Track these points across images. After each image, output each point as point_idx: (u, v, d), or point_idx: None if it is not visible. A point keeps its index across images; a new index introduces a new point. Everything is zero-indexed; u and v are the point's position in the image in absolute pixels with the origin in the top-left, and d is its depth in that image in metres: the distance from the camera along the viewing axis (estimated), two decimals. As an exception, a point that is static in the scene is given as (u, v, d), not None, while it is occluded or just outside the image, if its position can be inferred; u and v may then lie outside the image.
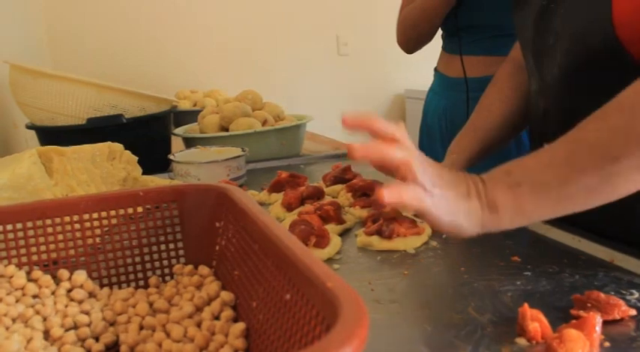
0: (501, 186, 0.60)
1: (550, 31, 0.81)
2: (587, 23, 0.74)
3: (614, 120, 0.58)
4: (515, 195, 0.59)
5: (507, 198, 0.59)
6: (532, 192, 0.59)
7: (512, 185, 0.59)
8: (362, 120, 0.62)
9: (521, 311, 0.56)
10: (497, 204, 0.60)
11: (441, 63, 1.56)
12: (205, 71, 3.08)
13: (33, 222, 0.63)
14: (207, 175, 1.18)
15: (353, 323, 0.31)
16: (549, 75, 0.83)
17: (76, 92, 1.32)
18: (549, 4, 0.80)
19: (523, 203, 0.59)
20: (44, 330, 0.56)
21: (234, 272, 0.58)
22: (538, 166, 0.60)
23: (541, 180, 0.59)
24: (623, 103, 0.59)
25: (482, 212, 0.60)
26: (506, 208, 0.60)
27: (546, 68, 0.84)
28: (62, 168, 0.97)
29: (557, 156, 0.60)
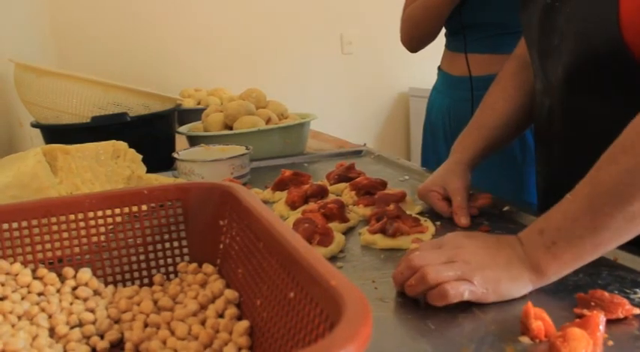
0: (539, 247, 0.64)
1: (555, 31, 0.81)
2: (591, 23, 0.74)
3: (622, 163, 0.61)
4: (554, 254, 0.63)
5: (548, 259, 0.63)
6: (568, 246, 0.62)
7: (548, 245, 0.63)
8: None
9: (525, 309, 0.56)
10: (540, 266, 0.63)
11: (445, 61, 1.55)
12: (209, 70, 3.08)
13: (38, 220, 0.64)
14: (211, 173, 1.18)
15: (357, 321, 0.31)
16: (554, 74, 0.83)
17: (80, 90, 1.32)
18: (554, 3, 0.80)
19: (563, 258, 0.63)
20: (49, 328, 0.57)
21: (239, 271, 0.59)
22: (566, 221, 0.63)
23: (573, 234, 0.62)
24: (625, 144, 0.62)
25: (529, 276, 0.63)
26: (549, 267, 0.63)
27: (551, 67, 0.84)
28: (67, 166, 0.97)
29: (581, 207, 0.63)
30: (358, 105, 3.48)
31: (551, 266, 0.63)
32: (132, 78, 2.58)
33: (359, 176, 1.09)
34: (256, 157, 1.35)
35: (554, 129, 0.88)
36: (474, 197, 0.94)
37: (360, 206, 0.97)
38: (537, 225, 0.66)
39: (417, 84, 3.38)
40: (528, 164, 1.34)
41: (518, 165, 1.36)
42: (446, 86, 1.53)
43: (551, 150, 0.90)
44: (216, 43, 3.12)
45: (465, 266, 0.63)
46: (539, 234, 0.64)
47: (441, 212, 0.92)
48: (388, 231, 0.82)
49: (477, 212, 0.91)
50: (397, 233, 0.82)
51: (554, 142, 0.89)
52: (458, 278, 0.62)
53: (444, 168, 0.96)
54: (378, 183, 1.02)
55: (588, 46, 0.75)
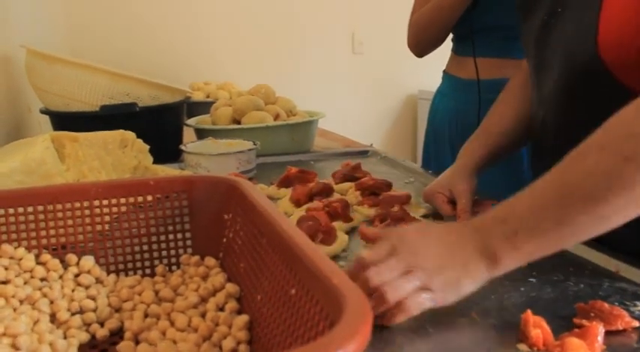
0: (498, 236, 0.61)
1: (547, 46, 0.83)
2: (575, 42, 0.76)
3: (597, 162, 0.59)
4: (514, 244, 0.60)
5: (507, 248, 0.61)
6: (530, 236, 0.60)
7: (509, 235, 0.61)
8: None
9: (524, 317, 0.56)
10: (497, 255, 0.61)
11: (452, 65, 1.55)
12: (219, 64, 3.08)
13: (44, 206, 0.64)
14: (218, 167, 1.18)
15: (357, 320, 0.31)
16: (546, 87, 0.84)
17: (90, 79, 1.32)
18: (550, 20, 0.82)
19: (523, 249, 0.61)
20: (51, 313, 0.57)
21: (241, 265, 0.59)
22: (531, 212, 0.61)
23: (536, 225, 0.61)
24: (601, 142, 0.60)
25: (486, 268, 0.61)
26: (507, 257, 0.61)
27: (544, 81, 0.85)
28: (74, 153, 0.97)
29: (548, 200, 0.61)
30: (366, 105, 3.48)
31: (510, 255, 0.61)
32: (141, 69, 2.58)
33: (364, 176, 1.09)
34: (263, 153, 1.35)
35: (546, 141, 0.88)
36: (478, 203, 0.94)
37: (365, 206, 0.97)
38: (499, 213, 0.63)
39: (426, 87, 3.38)
40: (534, 172, 1.34)
41: (524, 174, 1.36)
42: (452, 89, 1.53)
43: (545, 161, 0.91)
44: (227, 38, 3.13)
45: (423, 274, 0.60)
46: (501, 222, 0.62)
47: (445, 214, 0.92)
48: (391, 232, 0.82)
49: (480, 217, 0.91)
50: (400, 235, 0.82)
51: (546, 154, 0.89)
52: (417, 289, 0.60)
53: (451, 171, 0.96)
54: (383, 184, 1.02)
55: (573, 63, 0.77)
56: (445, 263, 0.61)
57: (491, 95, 1.04)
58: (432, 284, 0.60)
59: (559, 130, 0.84)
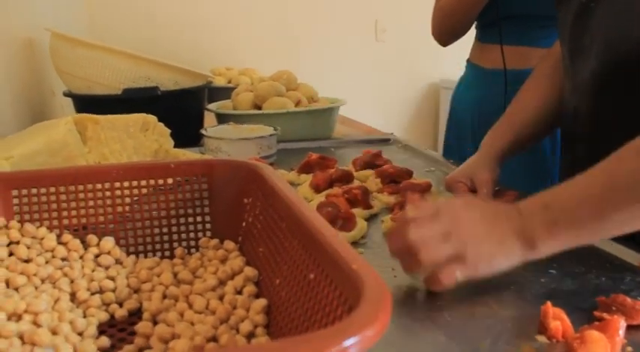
0: (539, 222, 0.62)
1: (586, 31, 0.80)
2: (618, 29, 0.74)
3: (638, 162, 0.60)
4: (552, 233, 0.62)
5: (545, 236, 0.62)
6: (568, 227, 0.62)
7: (549, 222, 0.62)
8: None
9: (544, 308, 0.55)
10: (535, 241, 0.62)
11: (476, 54, 1.53)
12: (241, 49, 3.08)
13: (66, 187, 0.64)
14: (238, 152, 1.18)
15: (376, 306, 0.31)
16: (581, 74, 0.82)
17: (113, 62, 1.33)
18: (589, 3, 0.79)
19: (560, 238, 0.62)
20: (71, 292, 0.58)
21: (259, 249, 0.59)
22: (574, 202, 0.63)
23: (577, 216, 0.62)
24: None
25: (521, 250, 0.63)
26: (544, 244, 0.62)
27: (579, 67, 0.83)
28: (96, 136, 0.98)
29: (593, 192, 0.62)
30: (388, 93, 3.46)
31: (546, 243, 0.62)
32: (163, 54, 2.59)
33: (385, 164, 1.09)
34: (283, 139, 1.35)
35: (578, 130, 0.87)
36: (499, 193, 0.93)
37: (385, 194, 0.97)
38: (543, 199, 0.64)
39: (448, 76, 3.35)
40: (558, 163, 1.32)
41: (547, 165, 1.34)
42: (475, 79, 1.51)
43: (575, 151, 0.89)
44: (249, 24, 3.12)
45: (458, 242, 0.62)
46: (543, 208, 0.63)
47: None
48: (411, 220, 0.81)
49: (501, 208, 0.90)
50: (420, 223, 0.81)
51: (578, 143, 0.88)
52: (450, 257, 0.61)
53: (473, 160, 0.95)
54: (403, 172, 1.02)
55: (615, 51, 0.75)
56: (482, 236, 0.63)
57: (517, 86, 1.03)
58: (465, 253, 0.61)
59: (594, 119, 0.83)
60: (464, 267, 0.62)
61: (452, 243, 0.62)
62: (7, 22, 1.39)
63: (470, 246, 0.62)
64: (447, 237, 0.62)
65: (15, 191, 0.63)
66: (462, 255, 0.61)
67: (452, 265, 0.61)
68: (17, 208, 0.63)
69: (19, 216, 0.63)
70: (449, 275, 0.61)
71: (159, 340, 0.50)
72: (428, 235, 0.62)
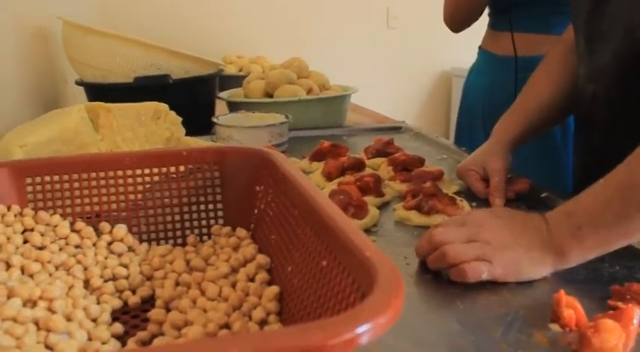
0: (564, 230, 0.63)
1: (604, 17, 0.79)
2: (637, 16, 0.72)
3: None
4: (579, 239, 0.62)
5: (572, 243, 0.63)
6: (594, 232, 0.62)
7: (574, 229, 0.62)
8: None
9: (557, 297, 0.55)
10: (564, 250, 0.63)
11: (488, 41, 1.51)
12: (252, 38, 3.07)
13: (78, 175, 0.65)
14: (250, 140, 1.18)
15: (389, 292, 0.31)
16: (600, 60, 0.81)
17: (124, 50, 1.33)
18: None
19: (587, 243, 0.62)
20: (84, 279, 0.58)
21: (272, 237, 0.59)
22: (596, 206, 0.63)
23: (601, 221, 0.62)
24: None
25: (551, 259, 0.63)
26: (572, 251, 0.63)
27: (598, 53, 0.82)
28: (108, 124, 0.98)
29: (613, 194, 0.62)
30: (400, 81, 3.44)
31: (574, 250, 0.62)
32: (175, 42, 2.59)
33: (397, 152, 1.08)
34: (295, 127, 1.35)
35: (595, 117, 0.86)
36: (512, 181, 0.92)
37: (397, 181, 0.96)
38: (566, 208, 0.65)
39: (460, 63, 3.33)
40: (568, 151, 1.31)
41: (558, 152, 1.33)
42: (487, 65, 1.49)
43: (591, 138, 0.88)
44: (261, 12, 3.11)
45: (485, 246, 0.63)
46: (567, 216, 0.64)
47: (477, 192, 0.91)
48: (423, 208, 0.81)
49: (513, 195, 0.90)
50: (432, 211, 0.81)
51: (595, 131, 0.87)
52: (477, 258, 0.62)
53: (485, 148, 0.95)
54: (415, 159, 1.01)
55: (635, 37, 0.73)
56: (508, 243, 0.63)
57: (528, 73, 1.02)
58: (492, 258, 0.62)
59: (613, 105, 0.82)
60: (490, 267, 0.62)
61: (478, 247, 0.63)
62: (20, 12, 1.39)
63: (495, 251, 0.63)
64: (472, 242, 0.64)
65: (29, 179, 0.63)
66: (486, 256, 0.62)
67: (479, 262, 0.62)
68: (31, 196, 0.64)
69: (32, 203, 0.64)
70: (475, 270, 0.62)
71: (172, 327, 0.50)
72: (454, 238, 0.64)
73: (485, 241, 0.64)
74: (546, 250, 0.63)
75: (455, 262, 0.63)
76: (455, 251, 0.63)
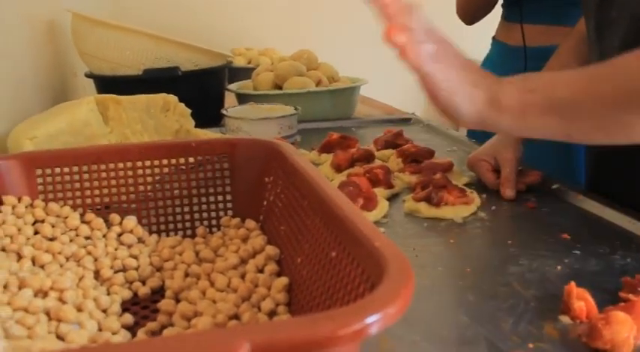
0: (513, 88, 0.60)
1: (614, 4, 0.79)
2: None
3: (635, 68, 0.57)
4: (524, 100, 0.59)
5: (514, 100, 0.59)
6: (542, 100, 0.59)
7: (525, 90, 0.59)
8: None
9: (567, 288, 0.55)
10: (501, 101, 0.60)
11: (501, 32, 1.51)
12: (261, 29, 3.06)
13: (88, 166, 0.65)
14: (259, 132, 1.18)
15: (399, 283, 0.31)
16: (610, 47, 0.81)
17: (133, 43, 1.33)
18: None
19: (528, 109, 0.59)
20: (95, 270, 0.58)
21: (281, 228, 0.59)
22: (557, 82, 0.60)
23: (555, 95, 0.59)
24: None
25: (484, 103, 0.60)
26: (509, 108, 0.60)
27: (607, 40, 0.81)
28: (118, 116, 0.99)
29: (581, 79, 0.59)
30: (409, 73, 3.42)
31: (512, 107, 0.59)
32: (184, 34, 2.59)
33: (407, 143, 1.08)
34: (304, 119, 1.35)
35: None
36: (523, 173, 0.92)
37: (406, 173, 0.96)
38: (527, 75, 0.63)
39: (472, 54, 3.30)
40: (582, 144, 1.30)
41: (570, 144, 1.31)
42: (500, 56, 1.49)
43: None
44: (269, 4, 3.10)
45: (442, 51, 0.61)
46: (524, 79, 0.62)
47: (487, 183, 0.90)
48: (433, 200, 0.81)
49: (524, 187, 0.89)
50: (442, 202, 0.81)
51: None
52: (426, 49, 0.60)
53: (496, 139, 0.94)
54: (425, 151, 1.01)
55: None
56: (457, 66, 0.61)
57: (538, 64, 1.01)
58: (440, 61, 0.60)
59: None
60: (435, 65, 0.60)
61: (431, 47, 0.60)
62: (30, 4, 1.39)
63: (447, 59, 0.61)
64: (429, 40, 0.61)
65: (39, 170, 0.64)
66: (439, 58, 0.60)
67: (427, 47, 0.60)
68: (42, 187, 0.64)
69: (43, 195, 0.64)
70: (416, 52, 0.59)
71: (181, 317, 0.50)
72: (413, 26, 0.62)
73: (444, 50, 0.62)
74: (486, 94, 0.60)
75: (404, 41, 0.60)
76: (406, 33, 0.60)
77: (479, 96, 0.60)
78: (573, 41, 0.97)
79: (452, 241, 0.73)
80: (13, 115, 1.11)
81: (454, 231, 0.76)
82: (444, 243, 0.73)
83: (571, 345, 0.50)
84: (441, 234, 0.76)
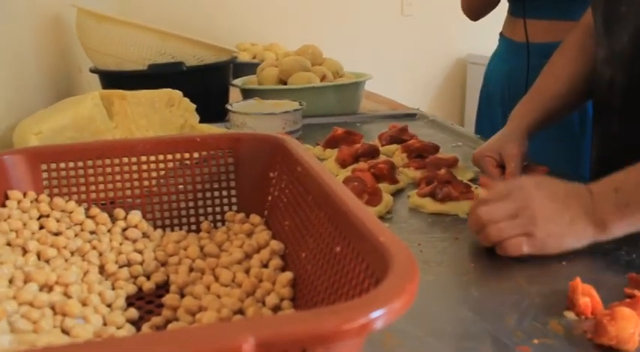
0: (610, 205, 0.64)
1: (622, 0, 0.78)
2: None
3: None
4: (624, 214, 0.64)
5: (616, 218, 0.64)
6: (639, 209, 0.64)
7: (620, 205, 0.64)
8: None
9: (572, 284, 0.55)
10: (606, 223, 0.64)
11: (507, 27, 1.50)
12: (266, 25, 3.06)
13: (93, 161, 0.65)
14: (264, 127, 1.18)
15: (403, 277, 0.31)
16: (618, 43, 0.80)
17: (137, 38, 1.33)
18: None
19: (631, 220, 0.64)
20: (100, 265, 0.58)
21: (285, 223, 0.59)
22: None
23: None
24: None
25: (593, 231, 0.65)
26: (615, 226, 0.64)
27: (616, 36, 0.81)
28: (122, 111, 0.99)
29: None
30: (414, 68, 3.42)
31: (618, 225, 0.64)
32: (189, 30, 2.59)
33: (411, 138, 1.08)
34: (309, 114, 1.34)
35: (613, 101, 0.85)
36: (528, 168, 0.91)
37: (411, 168, 0.96)
38: (613, 183, 0.66)
39: (476, 50, 3.30)
40: (586, 137, 1.29)
41: (575, 138, 1.32)
42: (506, 52, 1.49)
43: (609, 123, 0.87)
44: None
45: (528, 221, 0.64)
46: (615, 192, 0.65)
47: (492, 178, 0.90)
48: (438, 195, 0.81)
49: (529, 183, 0.89)
50: (446, 198, 0.81)
51: (613, 115, 0.86)
52: (520, 234, 0.64)
53: (501, 134, 0.94)
54: (430, 146, 1.01)
55: None
56: (552, 216, 0.65)
57: (541, 60, 1.00)
58: (535, 232, 0.64)
59: (630, 90, 0.81)
60: (532, 242, 0.64)
61: (521, 221, 0.65)
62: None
63: (539, 225, 0.64)
64: (516, 215, 0.65)
65: (44, 165, 0.64)
66: (530, 232, 0.64)
67: (521, 238, 0.64)
68: (47, 182, 0.64)
69: (48, 190, 0.64)
70: (516, 246, 0.64)
71: (186, 312, 0.50)
72: (496, 214, 0.66)
73: (529, 217, 0.65)
74: (589, 221, 0.64)
75: (498, 240, 0.65)
76: (497, 230, 0.65)
77: (583, 230, 0.65)
78: (579, 35, 0.97)
79: (456, 237, 0.73)
80: (18, 110, 1.11)
81: (459, 227, 0.76)
82: (448, 239, 0.72)
83: (576, 341, 0.50)
84: (446, 230, 0.75)
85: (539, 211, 0.65)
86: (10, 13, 1.14)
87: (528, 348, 0.49)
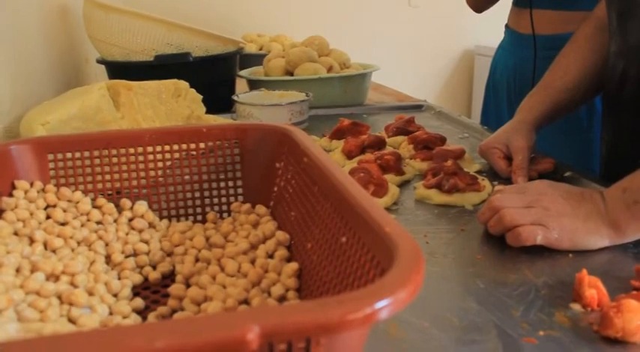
0: (620, 205, 0.65)
1: None
2: None
3: None
4: (634, 213, 0.64)
5: (627, 217, 0.64)
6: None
7: (629, 204, 0.64)
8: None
9: (579, 276, 0.55)
10: (619, 223, 0.64)
11: (513, 19, 1.49)
12: (273, 16, 3.06)
13: (99, 152, 0.65)
14: (270, 118, 1.18)
15: (409, 268, 0.31)
16: (633, 36, 0.79)
17: (144, 28, 1.33)
18: None
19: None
20: (106, 255, 0.58)
21: (291, 213, 0.59)
22: None
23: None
24: None
25: (607, 231, 0.65)
26: (628, 226, 0.64)
27: (631, 29, 0.80)
28: (129, 102, 0.99)
29: None
30: (421, 60, 3.41)
31: (630, 225, 0.64)
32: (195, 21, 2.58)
33: (418, 130, 1.07)
34: (315, 105, 1.34)
35: (625, 95, 0.84)
36: (535, 160, 0.91)
37: (417, 160, 0.96)
38: (622, 184, 0.66)
39: (483, 42, 3.28)
40: (594, 131, 1.29)
41: (583, 132, 1.31)
42: (512, 44, 1.48)
43: (620, 117, 0.87)
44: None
45: (542, 212, 0.65)
46: (622, 192, 0.65)
47: (499, 171, 0.90)
48: (444, 186, 0.81)
49: (536, 175, 0.89)
50: (453, 189, 0.80)
51: (624, 109, 0.85)
52: (533, 222, 0.64)
53: (509, 127, 0.93)
54: (437, 138, 1.00)
55: None
56: (566, 211, 0.65)
57: (548, 52, 1.00)
58: (548, 223, 0.64)
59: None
60: (546, 234, 0.64)
61: (535, 212, 0.65)
62: (41, -11, 1.39)
63: (553, 218, 0.64)
64: (530, 208, 0.66)
65: (51, 155, 0.64)
66: (544, 223, 0.64)
67: (535, 227, 0.64)
68: (53, 172, 0.64)
69: (55, 180, 0.64)
70: (530, 233, 0.64)
71: (191, 302, 0.51)
72: (511, 201, 0.67)
73: (543, 207, 0.66)
74: (602, 222, 0.64)
75: (511, 225, 0.65)
76: (511, 215, 0.65)
77: (599, 232, 0.65)
78: (590, 28, 0.96)
79: (462, 228, 0.73)
80: (26, 101, 1.11)
81: (465, 218, 0.76)
82: (454, 230, 0.72)
83: (582, 333, 0.50)
84: (452, 221, 0.75)
85: (552, 204, 0.66)
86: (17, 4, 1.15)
87: (534, 340, 0.49)
